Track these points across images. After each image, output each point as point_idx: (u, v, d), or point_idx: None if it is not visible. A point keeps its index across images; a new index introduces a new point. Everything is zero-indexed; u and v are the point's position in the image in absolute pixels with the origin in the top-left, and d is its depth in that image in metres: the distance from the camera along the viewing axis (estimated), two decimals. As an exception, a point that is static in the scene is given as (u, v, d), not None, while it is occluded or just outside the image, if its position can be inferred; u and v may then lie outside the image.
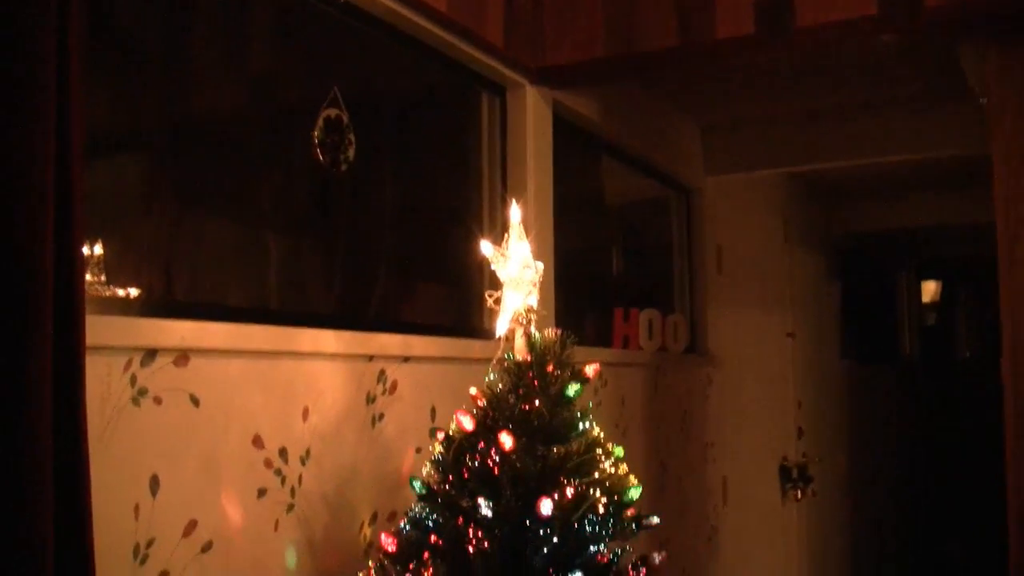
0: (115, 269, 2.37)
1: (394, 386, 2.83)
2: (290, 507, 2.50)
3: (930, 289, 8.97)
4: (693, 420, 4.58)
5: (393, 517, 2.76)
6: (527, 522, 2.25)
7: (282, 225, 2.87)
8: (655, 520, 2.49)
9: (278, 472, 2.47)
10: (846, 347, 6.73)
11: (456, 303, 3.47)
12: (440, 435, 2.44)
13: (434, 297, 3.45)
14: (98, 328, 1.97)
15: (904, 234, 7.36)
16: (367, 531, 2.72)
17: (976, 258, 7.58)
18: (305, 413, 2.55)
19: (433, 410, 2.93)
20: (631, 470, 2.45)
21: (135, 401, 2.11)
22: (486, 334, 2.94)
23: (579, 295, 4.05)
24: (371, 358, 2.74)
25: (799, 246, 5.92)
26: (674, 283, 4.85)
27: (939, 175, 5.85)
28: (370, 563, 2.41)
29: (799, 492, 5.59)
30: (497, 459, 2.29)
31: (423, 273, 3.41)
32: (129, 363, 2.10)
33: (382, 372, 2.78)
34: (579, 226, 4.25)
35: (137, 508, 2.12)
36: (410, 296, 3.35)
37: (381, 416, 2.78)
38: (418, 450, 2.82)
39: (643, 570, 2.38)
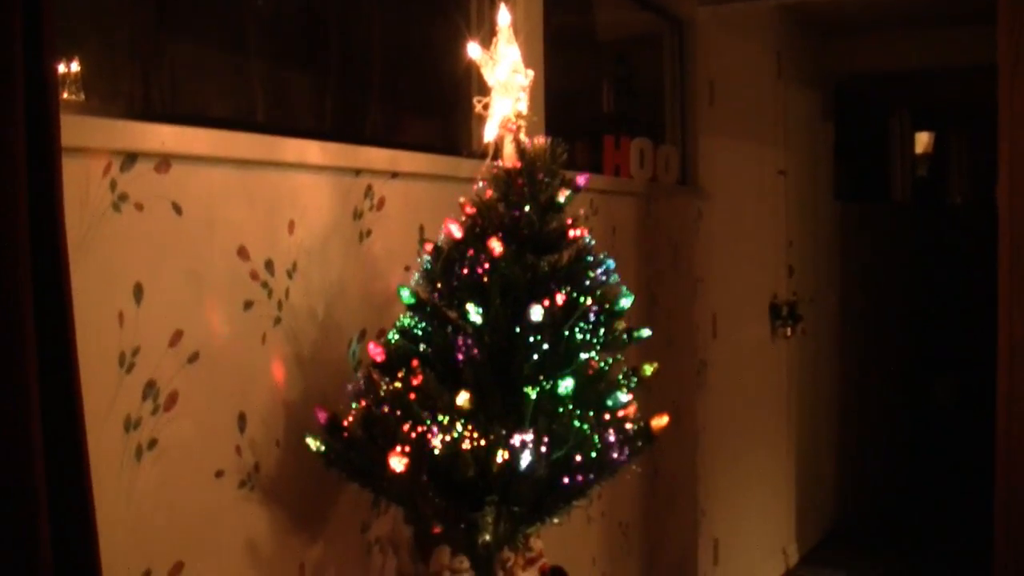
0: (93, 86, 2.31)
1: (381, 203, 2.78)
2: (277, 320, 2.47)
3: (923, 140, 8.90)
4: (683, 254, 4.55)
5: (382, 335, 2.74)
6: (517, 329, 2.23)
7: (268, 41, 2.79)
8: (646, 332, 2.48)
9: (264, 285, 2.43)
10: (839, 187, 6.69)
11: (445, 120, 3.41)
12: (428, 246, 2.41)
13: (423, 118, 3.39)
14: (75, 129, 1.91)
15: (899, 77, 7.26)
16: (356, 348, 2.70)
17: (971, 104, 7.49)
18: (291, 226, 2.50)
19: (421, 229, 2.89)
20: (621, 297, 2.44)
21: (115, 207, 2.06)
22: (476, 154, 2.89)
23: (569, 125, 3.98)
24: (358, 172, 2.69)
25: (792, 83, 5.84)
26: (666, 116, 4.77)
27: (937, 9, 5.72)
28: (359, 374, 2.40)
29: (789, 330, 5.62)
30: (487, 267, 2.26)
31: (413, 91, 3.34)
32: (108, 167, 2.05)
33: (369, 188, 2.73)
34: (569, 61, 4.16)
35: (121, 316, 2.08)
36: (399, 113, 3.29)
37: (368, 233, 2.74)
38: (407, 268, 2.78)
39: (634, 379, 2.37)
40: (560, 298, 2.27)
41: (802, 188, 5.97)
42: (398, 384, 2.26)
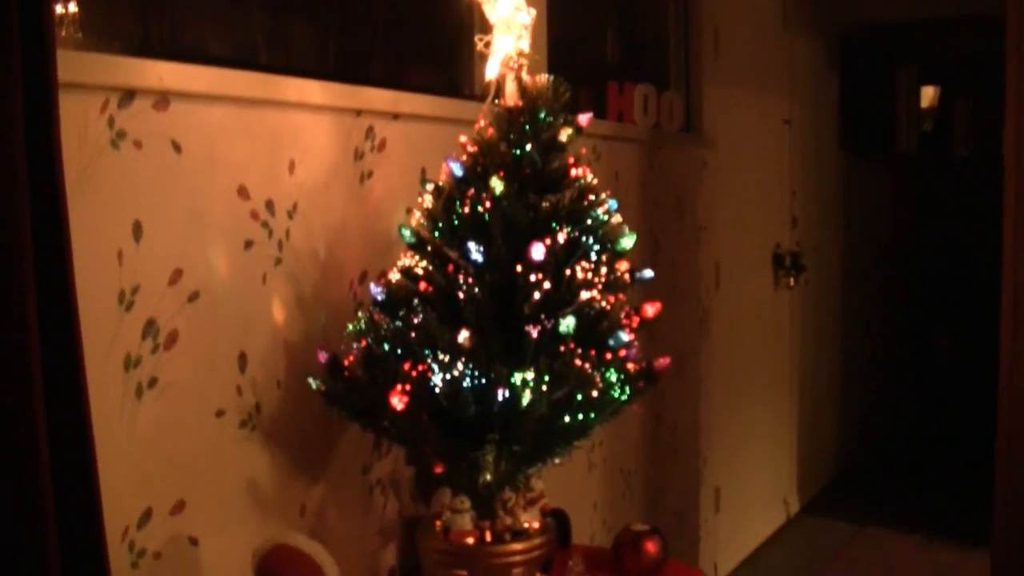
0: (91, 25, 2.29)
1: (383, 144, 2.76)
2: (278, 261, 2.46)
3: (929, 94, 8.85)
4: (687, 202, 4.53)
5: (384, 277, 2.72)
6: (518, 268, 2.22)
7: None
8: (648, 273, 2.47)
9: (265, 225, 2.42)
10: (843, 139, 6.66)
11: (448, 63, 3.38)
12: (430, 186, 2.39)
13: (425, 59, 3.36)
14: (71, 64, 1.88)
15: (905, 29, 7.20)
16: (357, 289, 2.69)
17: (978, 57, 7.43)
18: (291, 166, 2.48)
19: (423, 171, 2.87)
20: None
21: (114, 144, 2.04)
22: (478, 96, 2.87)
23: (572, 72, 3.95)
24: (359, 113, 2.67)
25: (798, 32, 5.79)
26: (670, 63, 4.73)
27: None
28: (359, 313, 2.39)
29: (792, 280, 5.61)
30: (488, 205, 2.25)
31: (415, 31, 3.31)
32: (106, 104, 2.03)
33: (370, 129, 2.71)
34: (573, 7, 4.12)
35: (120, 254, 2.07)
36: (401, 55, 3.26)
37: (370, 174, 2.72)
38: (408, 210, 2.76)
39: (636, 319, 2.36)
40: (561, 237, 2.25)
41: (807, 138, 5.94)
42: (399, 323, 2.25)
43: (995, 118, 3.69)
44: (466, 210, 2.28)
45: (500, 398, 2.13)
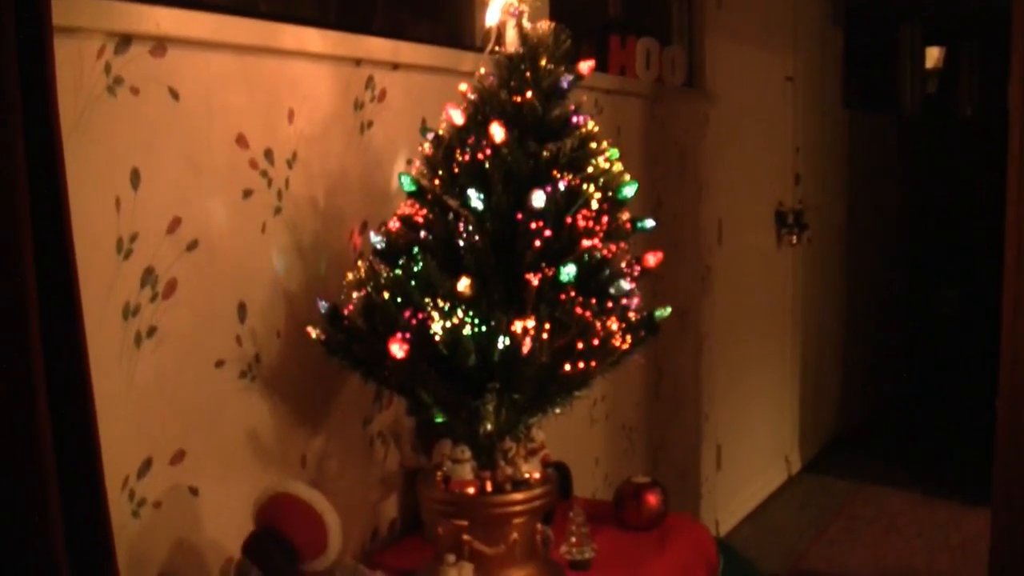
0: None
1: (383, 94, 2.73)
2: (277, 210, 2.44)
3: (933, 55, 8.79)
4: (689, 158, 4.50)
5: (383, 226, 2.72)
6: (519, 216, 2.20)
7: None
8: (650, 223, 2.45)
9: (264, 174, 2.40)
10: (847, 96, 6.62)
11: (449, 13, 3.35)
12: (430, 135, 2.37)
13: (426, 9, 3.33)
14: (66, 8, 1.85)
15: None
16: (357, 240, 2.68)
17: (984, 14, 7.38)
18: (291, 115, 2.46)
19: (424, 122, 2.85)
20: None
21: (110, 91, 2.02)
22: (479, 48, 2.84)
23: (574, 26, 3.91)
24: (359, 62, 2.64)
25: (801, -14, 5.74)
26: (672, 17, 4.69)
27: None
28: (359, 263, 2.37)
29: (794, 238, 5.60)
30: (488, 153, 2.23)
31: None
32: (102, 50, 2.00)
33: (370, 78, 2.69)
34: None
35: (118, 202, 2.06)
36: (403, 5, 3.23)
37: (370, 124, 2.70)
38: (408, 161, 2.75)
39: (636, 268, 2.35)
40: (562, 185, 2.23)
41: (810, 95, 5.91)
42: (399, 271, 2.24)
43: (1000, 77, 3.66)
44: (466, 158, 2.26)
45: (500, 346, 2.12)
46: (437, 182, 2.31)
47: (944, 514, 5.25)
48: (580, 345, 2.18)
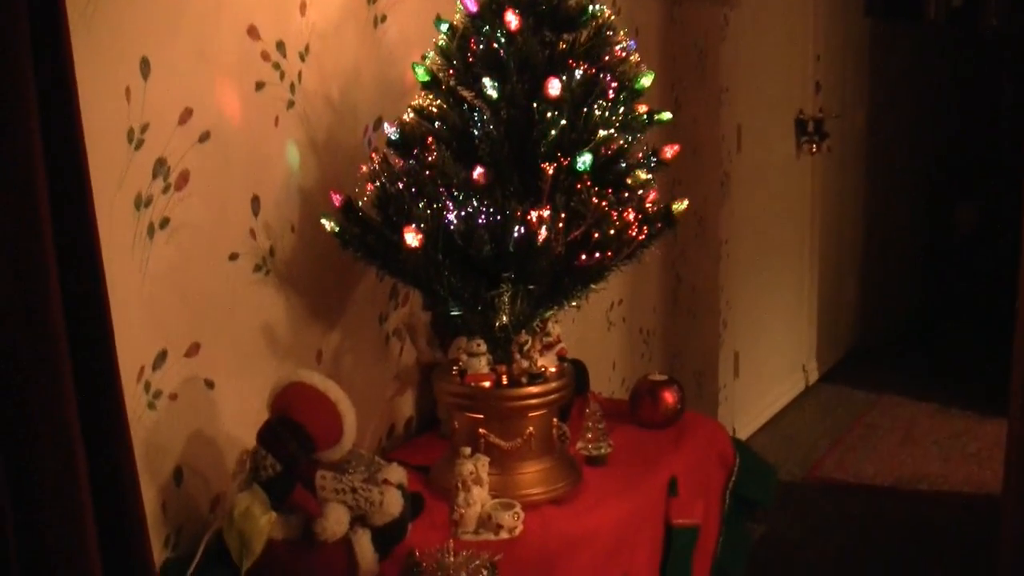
0: None
1: (396, -13, 2.69)
2: (290, 103, 2.42)
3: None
4: (709, 61, 4.43)
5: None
6: (534, 105, 2.17)
7: None
8: (667, 115, 2.42)
9: (276, 66, 2.37)
10: (870, 3, 6.49)
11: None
12: (444, 26, 2.33)
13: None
14: None
15: None
16: (371, 135, 2.65)
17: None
18: (302, 7, 2.43)
19: (438, 17, 2.79)
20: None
21: (119, -24, 1.99)
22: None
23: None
24: (371, -47, 2.60)
25: None
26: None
27: None
28: (372, 155, 2.35)
29: (814, 146, 5.53)
30: (503, 41, 2.19)
31: None
32: (110, -66, 1.97)
33: (384, -30, 2.65)
34: None
35: (128, 91, 2.03)
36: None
37: (384, 18, 2.66)
38: (423, 57, 2.71)
39: (653, 160, 2.32)
40: (578, 74, 2.20)
41: (832, 2, 5.80)
42: (413, 162, 2.22)
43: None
44: (481, 47, 2.22)
45: (515, 235, 2.10)
46: (451, 72, 2.28)
47: (960, 424, 5.23)
48: (596, 235, 2.15)
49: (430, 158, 2.19)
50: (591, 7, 2.27)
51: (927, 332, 6.97)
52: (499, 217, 2.11)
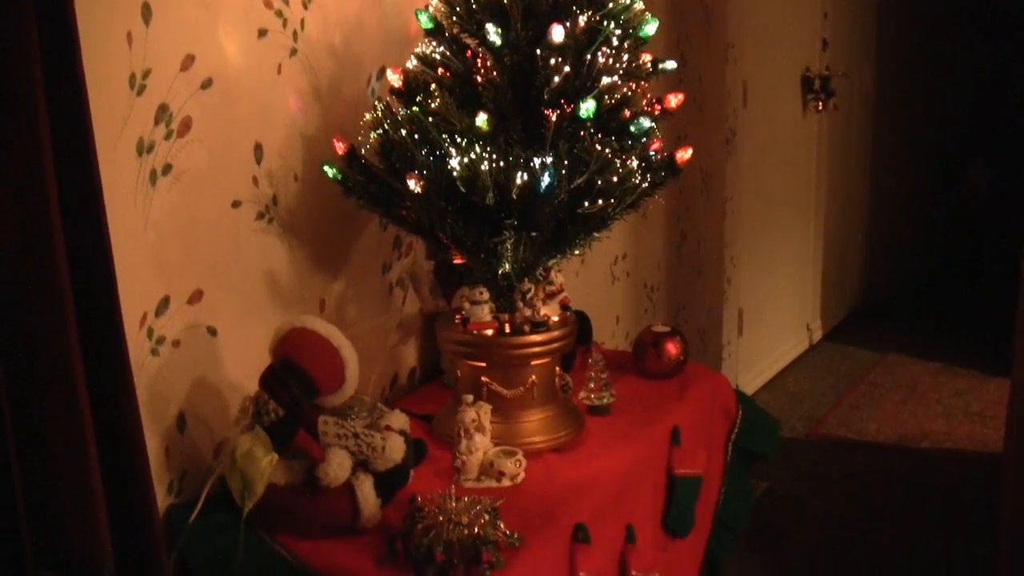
0: None
1: (400, -66, 2.68)
2: (293, 51, 2.41)
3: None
4: (715, 15, 4.40)
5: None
6: (538, 52, 2.16)
7: None
8: (671, 64, 2.41)
9: (279, 14, 2.36)
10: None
11: None
12: (446, -29, 2.32)
13: None
14: None
15: None
16: (375, 85, 2.64)
17: None
18: (305, -46, 2.41)
19: (442, -34, 2.79)
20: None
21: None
22: None
23: None
24: (374, -101, 2.58)
25: None
26: None
27: None
28: (376, 103, 2.34)
29: (820, 104, 5.50)
30: (506, -13, 2.18)
31: None
32: None
33: (387, -83, 2.63)
34: None
35: (130, 36, 2.02)
36: None
37: (387, -35, 2.65)
38: (427, 5, 2.70)
39: (656, 107, 2.31)
40: (582, 20, 2.19)
41: (839, -44, 5.76)
42: (416, 109, 2.21)
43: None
44: (484, -7, 2.21)
45: (518, 182, 2.09)
46: (455, 19, 2.26)
47: (964, 383, 5.24)
48: (599, 183, 2.15)
49: (433, 105, 2.17)
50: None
51: (932, 291, 6.95)
52: (502, 164, 2.10)
